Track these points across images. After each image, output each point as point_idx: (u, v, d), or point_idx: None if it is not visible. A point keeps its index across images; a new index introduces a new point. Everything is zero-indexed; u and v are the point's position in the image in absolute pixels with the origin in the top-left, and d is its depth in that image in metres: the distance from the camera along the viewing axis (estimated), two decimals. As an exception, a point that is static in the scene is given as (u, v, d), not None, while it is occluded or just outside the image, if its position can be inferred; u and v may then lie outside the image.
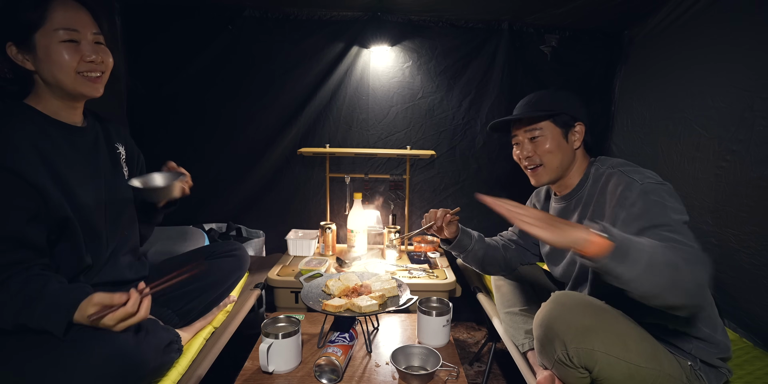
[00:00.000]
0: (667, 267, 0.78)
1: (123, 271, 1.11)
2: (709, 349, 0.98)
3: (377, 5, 1.88)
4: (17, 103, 0.96)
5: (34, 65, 0.92)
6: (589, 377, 0.91)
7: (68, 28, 0.91)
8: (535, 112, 1.13)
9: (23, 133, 0.90)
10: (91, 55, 0.94)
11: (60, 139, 0.97)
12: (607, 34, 2.02)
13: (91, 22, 0.96)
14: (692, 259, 0.81)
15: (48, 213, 0.90)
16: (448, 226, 1.27)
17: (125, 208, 1.14)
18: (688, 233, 0.88)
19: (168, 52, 1.98)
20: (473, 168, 2.16)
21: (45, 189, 0.88)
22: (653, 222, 0.90)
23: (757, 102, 1.31)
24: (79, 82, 0.95)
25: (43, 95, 0.96)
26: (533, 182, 1.20)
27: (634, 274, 0.77)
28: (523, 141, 1.16)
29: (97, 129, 1.10)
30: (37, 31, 0.90)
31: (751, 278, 1.33)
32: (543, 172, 1.16)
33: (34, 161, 0.89)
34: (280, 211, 2.17)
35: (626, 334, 0.91)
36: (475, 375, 1.74)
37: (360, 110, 2.09)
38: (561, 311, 0.92)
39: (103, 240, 1.04)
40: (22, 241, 0.86)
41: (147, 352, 0.89)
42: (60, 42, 0.91)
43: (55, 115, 0.98)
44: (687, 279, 0.80)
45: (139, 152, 1.25)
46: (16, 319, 0.82)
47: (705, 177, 1.50)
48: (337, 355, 1.07)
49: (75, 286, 0.89)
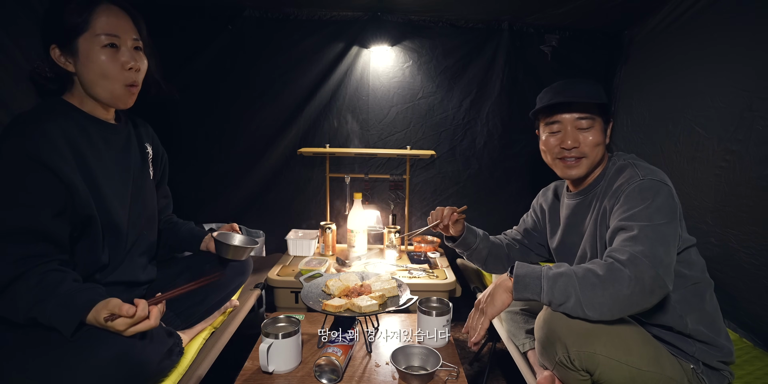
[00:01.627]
0: (577, 287, 0.86)
1: (137, 272, 1.11)
2: (711, 352, 0.98)
3: (377, 5, 1.88)
4: (57, 99, 0.99)
5: (75, 68, 0.95)
6: (590, 380, 0.91)
7: (110, 33, 0.95)
8: (592, 99, 1.05)
9: (61, 129, 0.92)
10: (130, 62, 0.97)
11: (96, 136, 1.00)
12: (607, 34, 2.02)
13: (132, 28, 0.99)
14: (610, 276, 0.86)
15: (74, 210, 0.91)
16: (455, 225, 1.27)
17: (147, 209, 1.15)
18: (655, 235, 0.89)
19: (167, 52, 1.95)
20: (474, 168, 2.16)
21: (74, 186, 0.90)
22: (626, 224, 0.93)
23: (756, 102, 1.31)
24: (118, 94, 0.99)
25: (81, 94, 0.99)
26: (562, 174, 1.13)
27: (544, 298, 0.88)
28: (568, 129, 1.07)
29: (129, 127, 1.13)
30: (80, 36, 0.93)
31: (752, 278, 1.33)
32: (584, 165, 1.08)
33: (68, 158, 0.91)
34: (280, 211, 2.17)
35: (628, 337, 0.90)
36: (475, 375, 1.74)
37: (360, 110, 2.09)
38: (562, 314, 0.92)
39: (123, 238, 1.05)
40: (45, 235, 0.87)
41: (150, 355, 0.89)
42: (101, 47, 0.94)
43: (92, 112, 1.01)
44: (607, 293, 0.85)
45: (163, 152, 1.28)
46: (29, 312, 0.82)
47: (705, 177, 1.50)
48: (337, 355, 1.07)
49: (89, 286, 0.89)
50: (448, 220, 1.24)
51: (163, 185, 1.30)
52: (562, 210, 1.23)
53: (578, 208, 1.16)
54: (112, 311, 0.81)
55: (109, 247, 1.02)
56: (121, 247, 1.05)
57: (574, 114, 1.06)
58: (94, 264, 0.99)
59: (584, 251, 1.12)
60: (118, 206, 1.02)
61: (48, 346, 0.82)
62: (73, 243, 0.95)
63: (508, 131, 2.12)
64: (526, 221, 1.40)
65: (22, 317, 0.83)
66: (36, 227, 0.86)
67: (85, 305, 0.82)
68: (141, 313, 0.83)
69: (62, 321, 0.81)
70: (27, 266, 0.85)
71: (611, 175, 1.07)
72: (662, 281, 0.85)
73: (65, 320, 0.81)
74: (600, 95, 1.07)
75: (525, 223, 1.40)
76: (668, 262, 0.88)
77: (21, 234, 0.85)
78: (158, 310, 0.88)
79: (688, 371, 0.95)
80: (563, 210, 1.23)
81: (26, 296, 0.82)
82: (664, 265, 0.87)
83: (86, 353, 0.81)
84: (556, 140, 1.09)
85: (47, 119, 0.91)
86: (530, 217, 1.39)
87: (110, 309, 0.81)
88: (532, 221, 1.38)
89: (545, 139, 1.12)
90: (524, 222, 1.41)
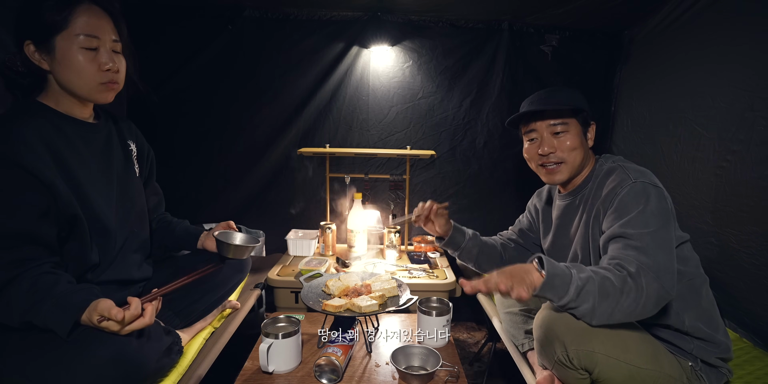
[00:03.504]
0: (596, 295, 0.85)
1: (130, 270, 1.11)
2: (710, 348, 0.98)
3: (377, 5, 1.88)
4: (31, 101, 0.96)
5: (50, 66, 0.92)
6: (589, 378, 0.91)
7: (89, 34, 0.92)
8: (562, 106, 1.09)
9: (37, 130, 0.90)
10: (108, 64, 0.94)
11: (74, 136, 0.98)
12: (607, 34, 2.02)
13: (112, 29, 0.96)
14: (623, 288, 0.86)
15: (58, 210, 0.90)
16: (437, 219, 1.27)
17: (135, 206, 1.14)
18: (655, 243, 0.90)
19: (167, 52, 1.98)
20: (474, 168, 2.16)
21: (55, 186, 0.89)
22: (625, 231, 0.93)
23: (757, 102, 1.31)
24: (95, 90, 0.96)
25: (56, 94, 0.97)
26: (547, 180, 1.16)
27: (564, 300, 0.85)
28: (544, 136, 1.10)
29: (109, 125, 1.11)
30: (58, 34, 0.90)
31: (752, 278, 1.33)
32: (564, 170, 1.11)
33: (46, 159, 0.89)
34: (280, 211, 2.16)
35: (626, 335, 0.91)
36: (475, 375, 1.73)
37: (360, 110, 2.09)
38: (561, 313, 0.92)
39: (112, 237, 1.04)
40: (33, 238, 0.87)
41: (148, 354, 0.89)
42: (79, 48, 0.91)
43: (69, 112, 0.99)
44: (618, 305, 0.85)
45: (149, 149, 1.26)
46: (23, 316, 0.82)
47: (705, 177, 1.50)
48: (337, 355, 1.07)
49: (83, 286, 0.89)
50: (429, 212, 1.24)
51: (152, 182, 1.28)
52: (554, 210, 1.25)
53: (567, 209, 1.18)
54: (102, 314, 0.81)
55: (99, 247, 1.01)
56: (110, 246, 1.04)
57: (547, 120, 1.10)
58: (85, 264, 0.99)
59: (575, 253, 1.13)
60: (104, 205, 1.01)
61: (45, 347, 0.82)
62: (61, 244, 0.94)
63: (508, 131, 2.11)
64: (522, 222, 1.42)
65: (16, 321, 0.83)
66: (22, 231, 0.85)
67: (80, 305, 0.82)
68: (134, 312, 0.83)
69: (57, 322, 0.81)
70: (19, 270, 0.84)
71: (600, 178, 1.08)
72: (668, 294, 0.88)
73: (60, 321, 0.81)
74: (573, 100, 1.10)
75: (520, 223, 1.42)
76: (672, 270, 0.90)
77: (8, 238, 0.84)
78: (153, 307, 0.88)
79: (686, 369, 0.95)
80: (555, 211, 1.25)
81: (20, 300, 0.82)
82: (669, 273, 0.89)
83: (83, 353, 0.80)
84: (535, 148, 1.13)
85: (22, 121, 0.90)
86: (525, 218, 1.41)
87: (99, 312, 0.81)
88: (528, 222, 1.40)
89: (526, 148, 1.17)
90: (520, 222, 1.43)
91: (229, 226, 1.29)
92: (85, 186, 0.96)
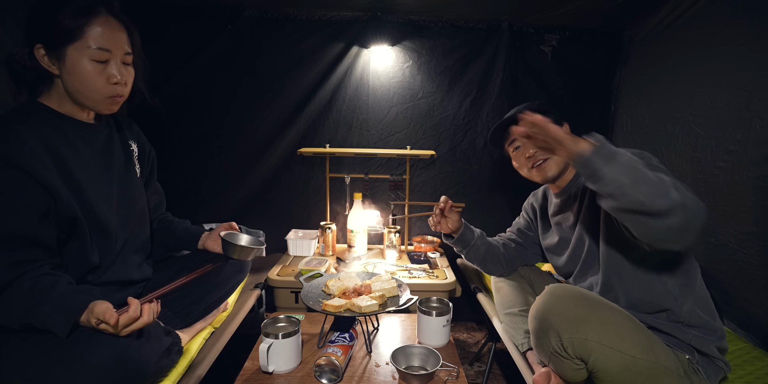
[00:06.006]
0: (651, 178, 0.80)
1: (131, 271, 1.11)
2: (707, 337, 0.99)
3: (377, 5, 1.88)
4: (32, 102, 0.96)
5: (59, 71, 0.92)
6: (585, 369, 0.92)
7: (102, 47, 0.91)
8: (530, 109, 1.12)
9: (36, 132, 0.90)
10: (116, 77, 0.94)
11: (74, 137, 0.98)
12: (607, 34, 2.02)
13: (125, 42, 0.96)
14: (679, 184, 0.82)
15: (58, 212, 0.90)
16: (450, 215, 1.29)
17: (136, 207, 1.14)
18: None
19: (167, 52, 1.98)
20: (474, 168, 2.16)
21: (55, 188, 0.89)
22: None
23: (754, 102, 1.32)
24: (100, 103, 0.96)
25: (61, 96, 0.96)
26: (540, 178, 1.21)
27: (620, 177, 0.80)
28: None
29: (110, 125, 1.11)
30: (71, 44, 0.89)
31: (750, 278, 1.33)
32: (552, 164, 1.17)
33: (46, 160, 0.89)
34: (280, 211, 2.17)
35: (620, 324, 0.92)
36: (475, 375, 1.74)
37: (360, 110, 2.10)
38: (555, 302, 0.93)
39: (113, 238, 1.04)
40: (32, 240, 0.87)
41: (148, 355, 0.89)
42: (89, 60, 0.90)
43: (71, 114, 0.99)
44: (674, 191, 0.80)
45: (150, 148, 1.25)
46: (23, 317, 0.82)
47: (703, 177, 1.50)
48: (337, 355, 1.08)
49: (83, 288, 0.89)
50: (444, 204, 1.28)
51: (153, 182, 1.28)
52: (551, 208, 1.29)
53: (564, 205, 1.22)
54: (97, 317, 0.81)
55: (99, 248, 1.01)
56: (111, 247, 1.04)
57: None
58: (85, 265, 0.98)
59: (577, 247, 1.16)
60: (104, 206, 1.01)
61: (45, 348, 0.82)
62: (61, 245, 0.94)
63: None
64: (519, 222, 1.46)
65: (16, 322, 0.83)
66: (22, 232, 0.85)
67: (79, 307, 0.82)
68: (133, 314, 0.83)
69: (57, 323, 0.81)
70: (18, 272, 0.84)
71: None
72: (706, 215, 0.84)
73: (60, 322, 0.81)
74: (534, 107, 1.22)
75: (518, 224, 1.46)
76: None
77: (7, 240, 0.84)
78: (151, 306, 0.88)
79: (683, 362, 0.95)
80: (551, 208, 1.28)
81: (20, 301, 0.82)
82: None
83: (83, 354, 0.81)
84: (521, 154, 1.23)
85: (21, 123, 0.89)
86: (522, 219, 1.46)
87: (95, 315, 0.81)
88: (525, 221, 1.44)
89: (514, 157, 1.27)
90: (517, 223, 1.47)
91: (231, 226, 1.29)
92: (85, 187, 0.96)
